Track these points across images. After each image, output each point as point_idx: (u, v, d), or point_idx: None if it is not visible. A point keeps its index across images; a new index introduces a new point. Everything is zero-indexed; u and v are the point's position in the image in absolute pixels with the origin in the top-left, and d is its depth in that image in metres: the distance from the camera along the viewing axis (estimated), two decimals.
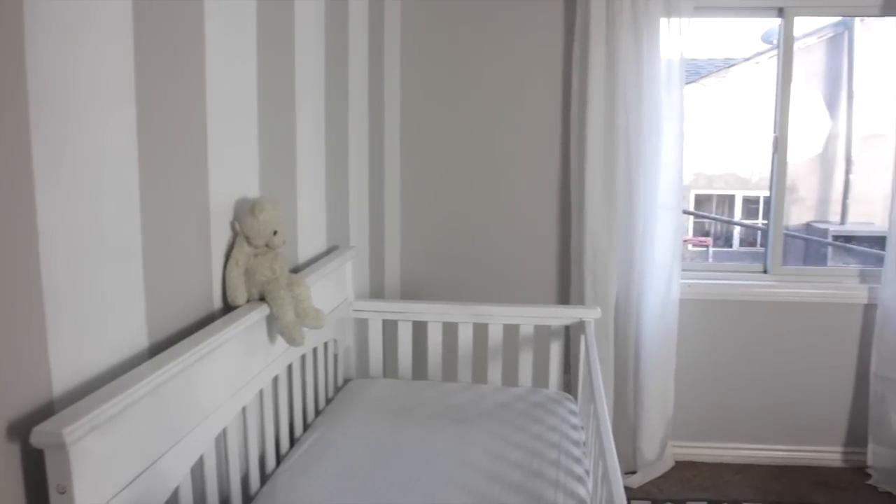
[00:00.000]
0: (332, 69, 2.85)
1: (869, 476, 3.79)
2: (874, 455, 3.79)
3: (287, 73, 2.44)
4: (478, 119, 3.70)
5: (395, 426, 2.50)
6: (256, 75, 2.18)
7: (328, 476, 2.14)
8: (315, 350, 2.61)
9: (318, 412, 2.65)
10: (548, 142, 3.69)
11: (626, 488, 3.60)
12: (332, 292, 2.72)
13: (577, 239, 3.59)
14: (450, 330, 3.01)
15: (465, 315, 2.96)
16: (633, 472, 3.73)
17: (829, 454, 3.94)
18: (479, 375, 3.07)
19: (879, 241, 3.72)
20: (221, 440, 1.88)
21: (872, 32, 6.55)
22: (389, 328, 3.12)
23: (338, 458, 2.25)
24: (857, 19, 6.36)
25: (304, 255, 2.61)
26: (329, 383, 2.81)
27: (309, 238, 2.66)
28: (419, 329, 3.04)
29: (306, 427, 2.51)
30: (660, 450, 3.76)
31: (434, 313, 3.00)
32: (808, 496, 3.62)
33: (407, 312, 3.01)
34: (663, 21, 3.47)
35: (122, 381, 1.42)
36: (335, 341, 2.82)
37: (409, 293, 3.78)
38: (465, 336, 2.98)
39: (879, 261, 3.72)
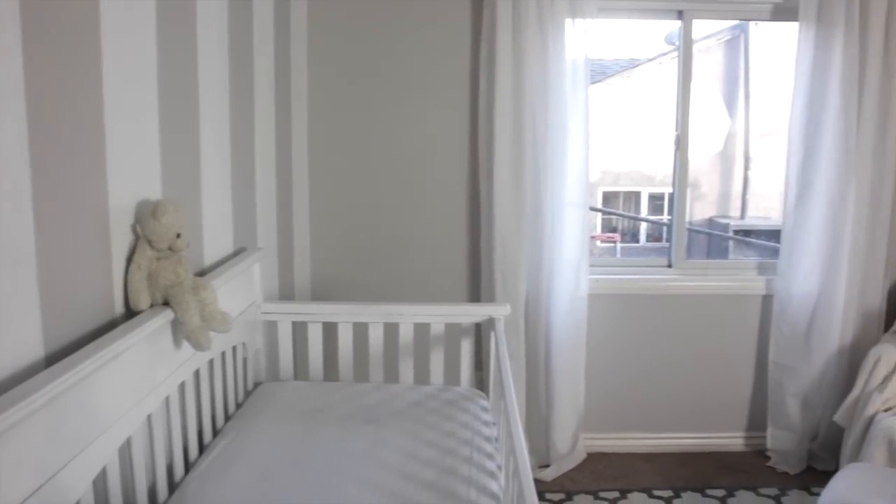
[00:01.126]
0: (237, 68, 2.81)
1: (768, 458, 3.96)
2: (773, 438, 3.95)
3: (189, 73, 2.39)
4: (386, 119, 3.70)
5: (307, 429, 2.47)
6: (157, 74, 2.12)
7: (239, 482, 2.11)
8: (223, 354, 2.56)
9: (228, 417, 2.60)
10: (456, 141, 3.71)
11: (540, 482, 3.66)
12: (240, 295, 2.68)
13: (487, 237, 3.62)
14: (360, 330, 3.00)
15: (375, 315, 2.96)
16: (547, 466, 3.78)
17: (732, 439, 4.09)
18: (391, 375, 3.07)
19: (776, 234, 3.88)
20: (126, 450, 1.83)
21: (766, 36, 6.82)
22: (299, 330, 3.09)
23: (249, 462, 2.22)
24: (752, 23, 6.62)
25: (209, 257, 2.56)
26: (239, 387, 2.76)
27: (215, 240, 2.61)
28: (329, 330, 3.02)
29: (216, 433, 2.46)
30: (572, 442, 3.83)
31: (344, 314, 2.98)
32: (713, 480, 3.75)
33: (317, 314, 2.99)
34: (568, 22, 3.53)
35: (15, 392, 1.36)
36: (244, 344, 2.78)
37: (319, 294, 3.75)
38: (376, 336, 2.97)
39: (776, 253, 3.89)
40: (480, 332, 3.43)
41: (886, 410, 3.32)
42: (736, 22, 6.31)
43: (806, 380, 3.83)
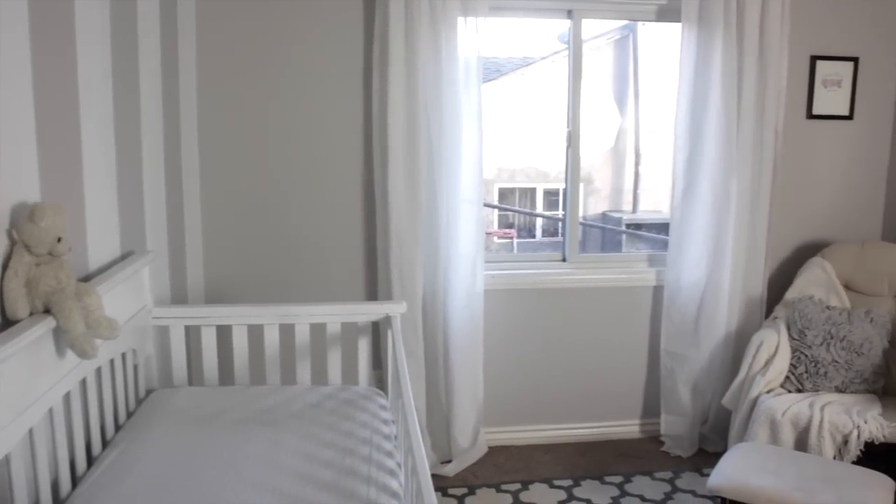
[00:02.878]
0: (121, 63, 2.70)
1: (662, 443, 4.10)
2: (666, 424, 4.10)
3: (67, 67, 2.28)
4: (279, 117, 3.63)
5: (203, 435, 2.42)
6: (31, 72, 2.02)
7: (132, 493, 2.04)
8: (112, 362, 2.47)
9: (118, 427, 2.51)
10: (350, 139, 3.68)
11: (442, 477, 3.69)
12: (128, 300, 2.59)
13: (383, 234, 3.61)
14: (256, 332, 2.95)
15: (270, 316, 2.92)
16: (449, 461, 3.81)
17: (628, 427, 4.22)
18: (288, 377, 3.04)
19: (666, 227, 4.01)
20: (4, 467, 1.74)
21: (653, 36, 7.04)
22: (193, 334, 3.01)
23: (142, 473, 2.15)
24: (640, 23, 6.82)
25: (94, 262, 2.46)
26: (129, 396, 2.68)
27: (100, 244, 2.51)
28: (224, 333, 2.96)
29: (106, 444, 2.38)
30: (473, 437, 3.87)
31: (238, 316, 2.93)
32: (611, 467, 3.86)
33: (210, 317, 2.93)
34: (461, 20, 3.55)
35: None
36: (134, 351, 2.69)
37: (214, 297, 3.66)
38: (272, 338, 2.93)
39: (666, 246, 4.02)
40: (378, 331, 3.42)
41: (768, 392, 3.49)
42: (625, 22, 6.48)
43: (695, 366, 3.98)
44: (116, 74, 2.66)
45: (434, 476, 3.67)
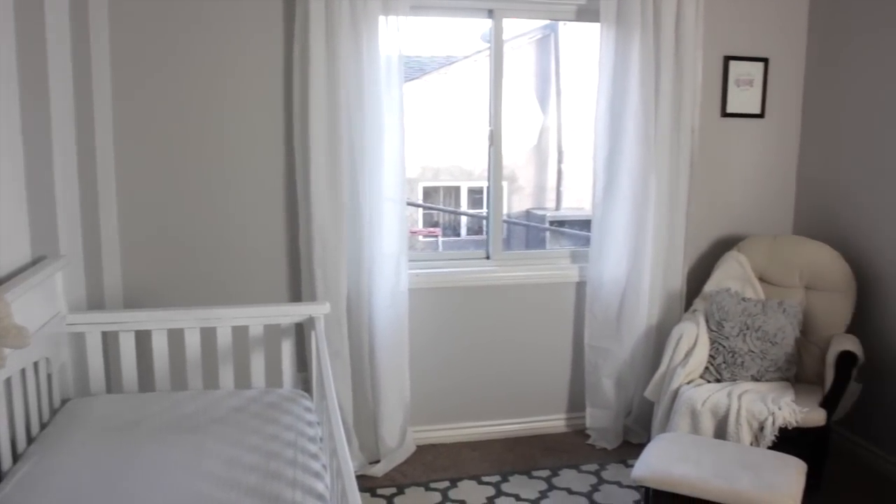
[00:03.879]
0: (28, 65, 2.60)
1: (588, 437, 4.16)
2: (591, 417, 4.16)
3: None
4: (197, 117, 3.55)
5: (122, 444, 2.35)
6: None
7: None
8: (23, 371, 2.38)
9: (31, 440, 2.42)
10: (271, 139, 3.63)
11: (371, 477, 3.67)
12: (40, 307, 2.50)
13: (305, 234, 3.57)
14: (176, 337, 2.89)
15: (191, 320, 2.85)
16: (377, 461, 3.79)
17: (555, 421, 4.27)
18: (211, 381, 2.98)
19: (589, 224, 4.07)
20: None
21: (574, 35, 7.14)
22: (111, 340, 2.93)
23: (58, 486, 2.08)
24: (561, 23, 6.92)
25: (2, 268, 2.37)
26: (43, 406, 2.58)
27: (7, 248, 2.41)
28: (143, 339, 2.89)
29: (17, 458, 2.29)
30: (401, 436, 3.86)
31: (157, 321, 2.86)
32: (538, 462, 3.90)
33: (128, 322, 2.85)
34: (382, 19, 3.53)
35: None
36: (47, 360, 2.60)
37: (132, 301, 3.56)
38: (193, 342, 2.87)
39: (589, 242, 4.07)
40: (303, 332, 3.38)
41: (689, 383, 3.58)
42: (547, 22, 6.55)
43: (618, 360, 4.06)
44: (22, 77, 2.55)
45: (362, 476, 3.66)
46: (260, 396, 2.77)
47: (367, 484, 3.61)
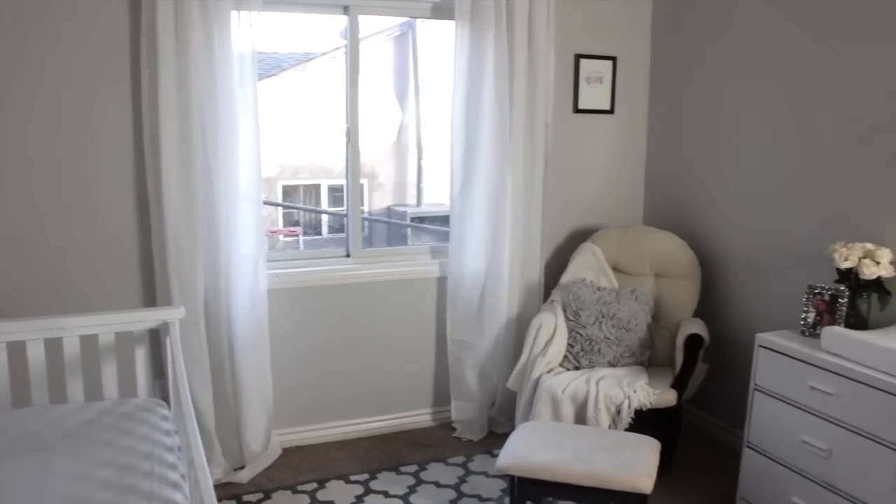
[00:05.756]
0: None
1: (454, 429, 4.21)
2: (456, 410, 4.21)
3: None
4: (37, 114, 3.32)
5: None
6: None
7: None
8: None
9: None
10: (118, 138, 3.44)
11: (236, 484, 3.59)
12: None
13: (158, 236, 3.43)
14: (17, 350, 2.71)
15: (33, 331, 2.69)
16: (242, 467, 3.70)
17: (421, 416, 4.30)
18: (58, 395, 2.81)
19: (449, 219, 4.11)
20: None
21: (431, 33, 7.20)
22: None
23: None
24: (419, 21, 6.96)
25: None
26: None
27: None
28: None
29: None
30: (265, 440, 3.78)
31: None
32: (406, 457, 3.91)
33: None
34: (234, 14, 3.43)
35: None
36: None
37: None
38: (37, 354, 2.70)
39: (449, 238, 4.12)
40: (159, 338, 3.25)
41: (549, 372, 3.68)
42: (405, 19, 6.57)
43: (481, 352, 4.12)
44: None
45: (227, 484, 3.57)
46: (113, 408, 2.64)
47: (232, 491, 3.52)
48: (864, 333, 2.84)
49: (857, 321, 3.04)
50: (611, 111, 4.44)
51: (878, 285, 3.00)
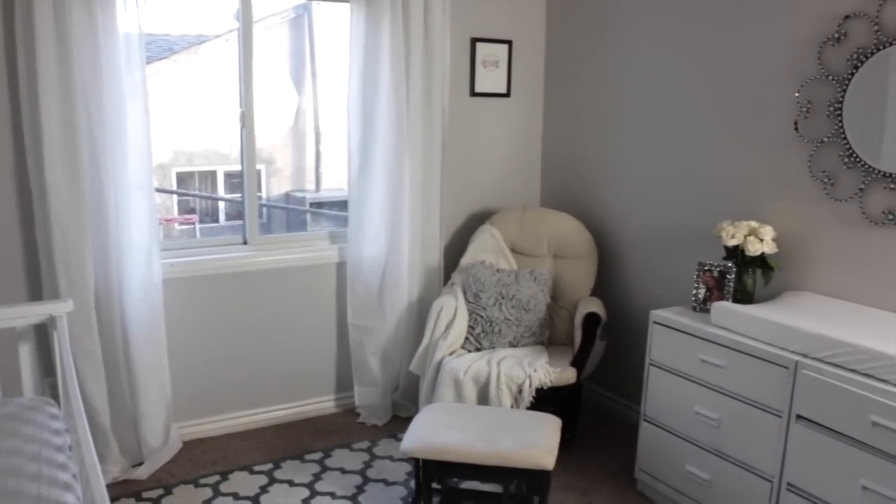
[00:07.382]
0: None
1: (358, 415, 4.21)
2: (360, 396, 4.21)
3: None
4: None
5: None
6: None
7: None
8: None
9: None
10: None
11: (135, 481, 3.51)
12: None
13: (43, 227, 3.27)
14: None
15: None
16: (141, 464, 3.60)
17: (324, 403, 4.28)
18: None
19: (347, 205, 4.08)
20: None
21: (328, 15, 7.10)
22: None
23: None
24: (314, 3, 6.86)
25: None
26: None
27: None
28: None
29: None
30: (164, 434, 3.69)
31: None
32: (310, 445, 3.89)
33: None
34: None
35: None
36: None
37: None
38: None
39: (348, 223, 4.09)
40: (46, 333, 3.11)
41: (451, 354, 3.72)
42: (300, 1, 6.47)
43: (382, 337, 4.12)
44: None
45: (125, 481, 3.48)
46: None
47: (131, 488, 3.43)
48: (750, 307, 2.97)
49: (744, 296, 3.18)
50: (507, 95, 4.49)
51: (762, 261, 3.15)
